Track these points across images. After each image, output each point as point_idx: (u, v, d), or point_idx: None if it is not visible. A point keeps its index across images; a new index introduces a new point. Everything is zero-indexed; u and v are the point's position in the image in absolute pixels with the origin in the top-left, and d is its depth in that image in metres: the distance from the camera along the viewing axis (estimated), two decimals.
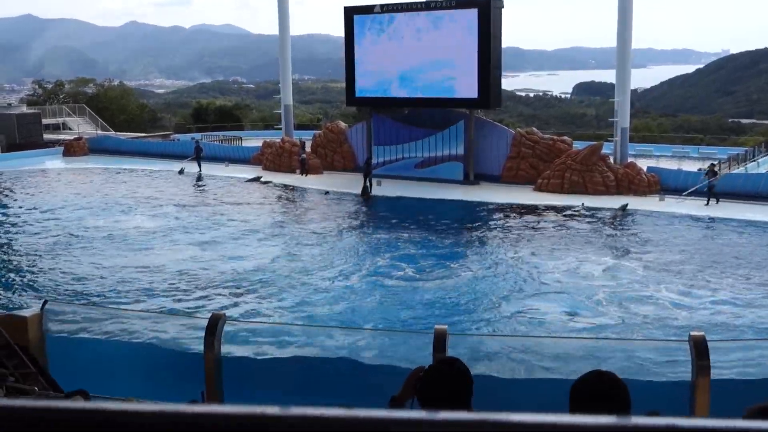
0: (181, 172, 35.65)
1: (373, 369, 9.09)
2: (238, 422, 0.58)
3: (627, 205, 25.32)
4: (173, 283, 17.44)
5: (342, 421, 0.59)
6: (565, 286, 17.10)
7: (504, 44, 30.75)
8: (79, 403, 0.62)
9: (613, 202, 25.97)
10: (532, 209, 25.79)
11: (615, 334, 13.58)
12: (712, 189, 25.60)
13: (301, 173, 33.60)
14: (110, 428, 0.60)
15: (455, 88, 30.72)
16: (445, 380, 3.12)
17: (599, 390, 2.74)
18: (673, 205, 25.52)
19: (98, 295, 16.47)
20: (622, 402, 2.71)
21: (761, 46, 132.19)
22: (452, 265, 18.93)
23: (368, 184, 29.61)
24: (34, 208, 27.73)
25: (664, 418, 0.62)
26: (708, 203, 25.34)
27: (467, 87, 30.37)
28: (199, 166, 35.62)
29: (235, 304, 15.74)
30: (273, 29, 39.17)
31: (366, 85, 33.14)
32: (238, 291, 16.85)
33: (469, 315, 15.30)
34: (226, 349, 7.70)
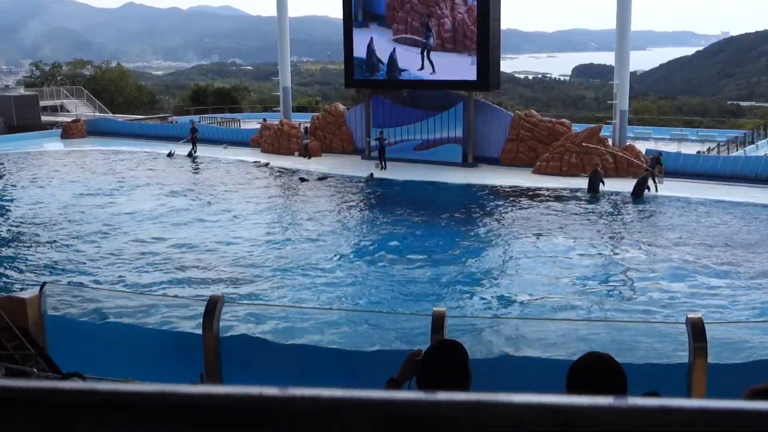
0: (170, 155, 35.27)
1: (371, 350, 9.13)
2: (237, 401, 0.60)
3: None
4: (170, 266, 17.45)
5: (340, 401, 0.59)
6: (559, 267, 17.10)
7: (503, 26, 30.63)
8: (76, 384, 0.63)
9: (612, 184, 25.94)
10: (531, 191, 25.78)
11: (610, 315, 13.61)
12: (653, 177, 25.43)
13: (303, 156, 33.52)
14: (109, 409, 0.61)
15: (454, 70, 30.56)
16: (444, 361, 3.13)
17: (595, 371, 2.75)
18: (673, 188, 25.52)
19: (96, 277, 16.48)
20: (619, 383, 2.72)
21: (761, 29, 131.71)
22: (445, 248, 18.91)
23: (382, 161, 30.23)
24: (29, 190, 27.70)
25: (660, 398, 0.62)
26: (649, 189, 25.21)
27: (466, 69, 30.24)
28: (194, 146, 35.43)
29: (232, 287, 15.77)
30: (271, 11, 38.99)
31: (364, 66, 32.97)
32: (234, 274, 16.86)
33: (461, 296, 15.31)
34: (225, 330, 7.72)
